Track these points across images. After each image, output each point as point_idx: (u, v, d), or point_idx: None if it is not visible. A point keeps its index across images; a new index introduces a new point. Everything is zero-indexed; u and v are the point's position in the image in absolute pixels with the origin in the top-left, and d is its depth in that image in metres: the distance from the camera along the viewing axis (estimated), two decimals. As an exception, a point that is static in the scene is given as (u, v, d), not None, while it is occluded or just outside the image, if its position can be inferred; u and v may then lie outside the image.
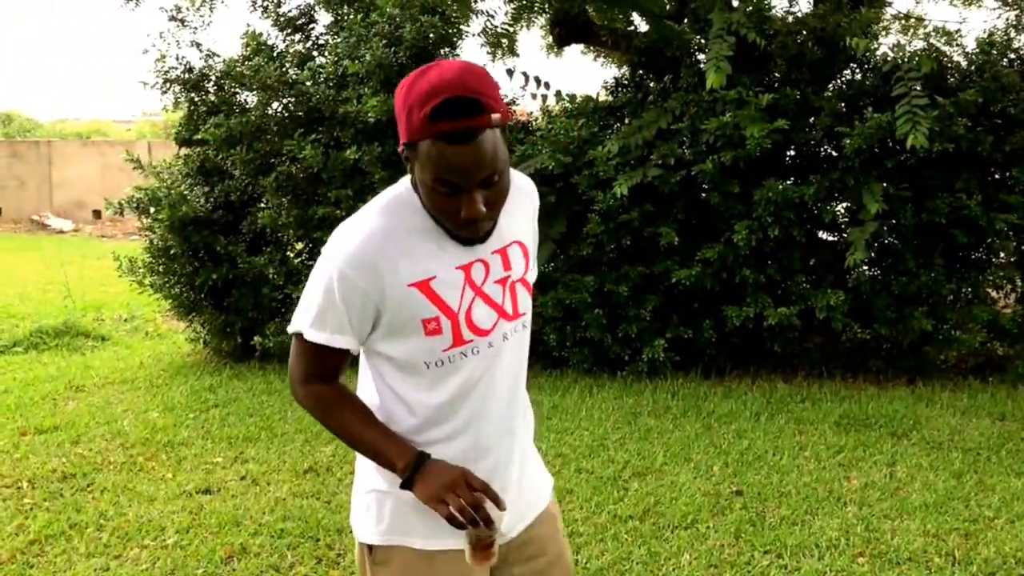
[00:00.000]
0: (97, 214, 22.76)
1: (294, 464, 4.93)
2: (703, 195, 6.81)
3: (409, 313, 1.67)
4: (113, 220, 22.17)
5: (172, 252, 7.25)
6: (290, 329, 1.79)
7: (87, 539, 3.93)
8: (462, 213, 1.59)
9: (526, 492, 1.89)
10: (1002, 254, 7.15)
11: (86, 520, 4.11)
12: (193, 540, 3.92)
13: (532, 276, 1.87)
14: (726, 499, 4.51)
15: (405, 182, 1.75)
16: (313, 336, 1.73)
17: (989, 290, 7.17)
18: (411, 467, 1.67)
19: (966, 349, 6.94)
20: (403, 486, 1.70)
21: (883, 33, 11.47)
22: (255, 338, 7.21)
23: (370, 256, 1.65)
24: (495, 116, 1.55)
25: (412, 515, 1.78)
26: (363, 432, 1.74)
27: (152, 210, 7.11)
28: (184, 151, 7.69)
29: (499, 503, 1.67)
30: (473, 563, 1.68)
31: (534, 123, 7.48)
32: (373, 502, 1.85)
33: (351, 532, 3.92)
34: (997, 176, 6.86)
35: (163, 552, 3.80)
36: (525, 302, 1.81)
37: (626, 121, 7.11)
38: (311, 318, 1.72)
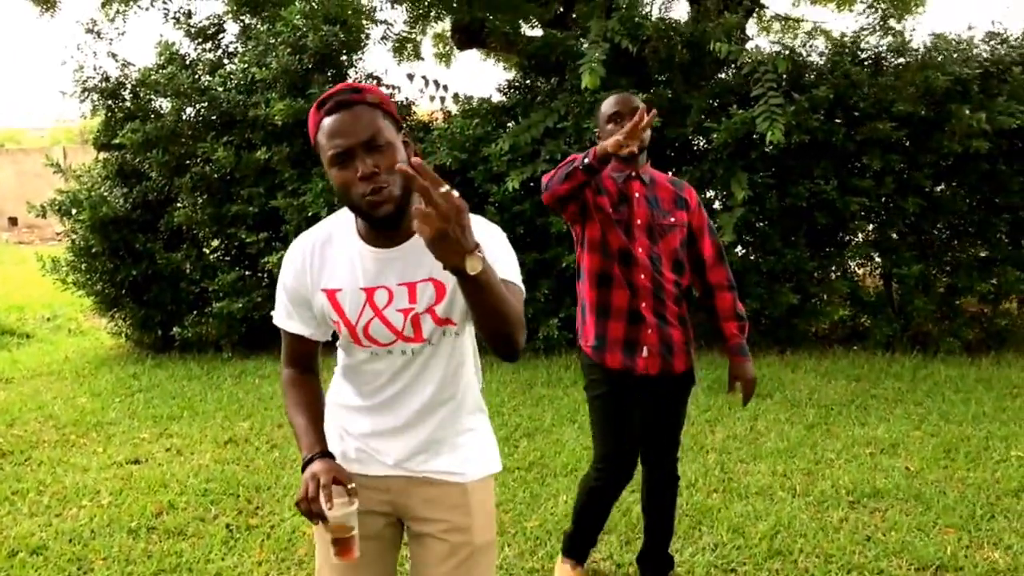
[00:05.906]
0: (13, 221, 22.37)
1: (215, 436, 5.40)
2: (589, 186, 7.40)
3: (323, 310, 1.95)
4: (31, 226, 21.86)
5: (94, 251, 7.60)
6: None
7: (29, 502, 4.36)
8: (358, 174, 1.73)
9: (423, 458, 2.04)
10: (860, 234, 7.92)
11: (27, 487, 4.53)
12: (126, 500, 4.38)
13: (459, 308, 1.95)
14: (601, 450, 5.13)
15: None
16: (277, 321, 2.04)
17: (852, 265, 7.93)
18: (304, 460, 1.89)
19: (830, 320, 7.69)
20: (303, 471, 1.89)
21: (763, 34, 12.33)
22: (175, 329, 7.62)
23: (299, 260, 1.95)
24: (369, 96, 1.78)
25: None
26: (295, 417, 2.00)
27: (74, 211, 7.42)
28: (103, 155, 8.03)
29: (351, 495, 1.82)
30: (336, 558, 1.84)
31: (433, 124, 8.00)
32: None
33: (268, 488, 4.48)
34: (850, 164, 7.62)
35: (99, 510, 4.25)
36: (429, 329, 1.92)
37: (518, 121, 7.69)
38: (277, 308, 2.04)
